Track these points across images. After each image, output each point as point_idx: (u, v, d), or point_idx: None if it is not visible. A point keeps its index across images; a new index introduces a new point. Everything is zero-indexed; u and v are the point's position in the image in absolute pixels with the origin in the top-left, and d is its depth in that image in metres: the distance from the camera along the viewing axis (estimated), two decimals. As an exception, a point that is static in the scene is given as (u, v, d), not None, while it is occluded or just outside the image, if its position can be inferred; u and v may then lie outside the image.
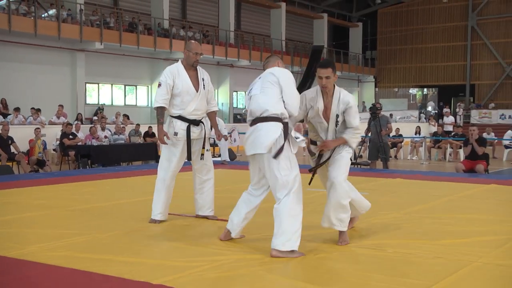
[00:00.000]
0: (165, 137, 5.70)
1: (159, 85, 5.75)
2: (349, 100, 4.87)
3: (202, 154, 5.90)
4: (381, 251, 4.72)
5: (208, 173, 6.00)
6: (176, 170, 5.92)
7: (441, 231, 5.46)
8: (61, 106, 19.07)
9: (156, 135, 7.55)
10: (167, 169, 5.85)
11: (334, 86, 4.91)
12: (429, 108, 34.87)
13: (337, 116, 4.87)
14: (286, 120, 4.60)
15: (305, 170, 5.18)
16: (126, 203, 7.27)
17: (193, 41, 6.08)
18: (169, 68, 5.87)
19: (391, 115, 32.03)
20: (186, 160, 5.94)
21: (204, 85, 5.84)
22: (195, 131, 5.83)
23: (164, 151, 5.89)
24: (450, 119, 25.53)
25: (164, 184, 5.86)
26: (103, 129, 16.75)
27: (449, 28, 38.04)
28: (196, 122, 5.83)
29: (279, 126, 4.54)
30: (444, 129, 24.20)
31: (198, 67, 5.91)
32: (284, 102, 4.60)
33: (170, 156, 5.83)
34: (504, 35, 36.33)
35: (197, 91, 5.78)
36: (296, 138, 4.60)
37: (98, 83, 24.44)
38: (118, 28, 22.93)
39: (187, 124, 5.78)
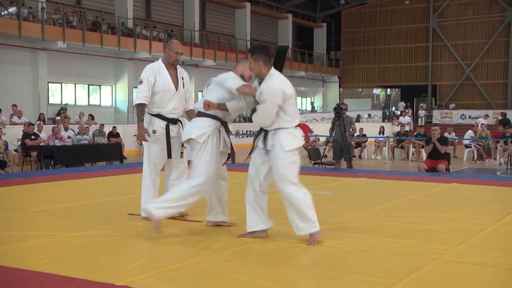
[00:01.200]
0: (145, 134, 5.74)
1: (141, 82, 5.78)
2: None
3: (182, 152, 5.99)
4: (345, 249, 4.76)
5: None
6: (159, 167, 5.99)
7: (404, 229, 5.54)
8: (14, 105, 18.73)
9: (122, 134, 7.48)
10: (150, 165, 5.92)
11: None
12: (401, 109, 35.23)
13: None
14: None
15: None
16: (92, 204, 7.18)
17: (174, 40, 6.13)
18: (150, 65, 5.91)
19: (359, 115, 32.41)
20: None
21: (183, 84, 5.94)
22: (173, 129, 5.90)
23: (145, 148, 5.97)
24: (406, 119, 25.86)
25: (151, 180, 5.92)
26: (66, 129, 16.51)
27: (411, 29, 38.65)
28: (174, 121, 5.92)
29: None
30: (398, 130, 24.58)
31: (178, 66, 5.98)
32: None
33: (150, 153, 5.91)
34: (463, 37, 37.10)
35: (176, 90, 5.86)
36: None
37: (61, 83, 24.07)
38: (82, 27, 22.62)
39: (165, 122, 5.85)
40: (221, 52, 29.55)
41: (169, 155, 5.87)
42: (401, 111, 29.98)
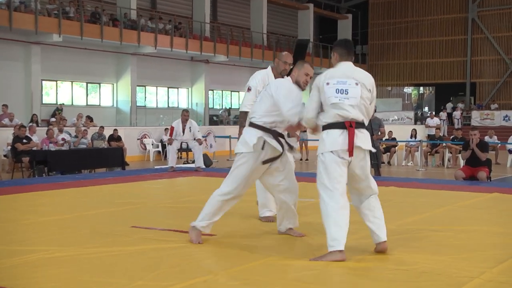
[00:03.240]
0: None
1: (249, 89, 6.56)
2: None
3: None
4: (372, 266, 4.74)
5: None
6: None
7: (439, 245, 5.51)
8: (5, 106, 18.87)
9: (124, 137, 7.55)
10: None
11: None
12: (448, 110, 34.95)
13: None
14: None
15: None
16: (90, 215, 7.22)
17: (285, 52, 6.73)
18: (259, 73, 6.58)
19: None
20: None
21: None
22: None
23: None
24: (435, 121, 25.66)
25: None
26: (60, 131, 16.63)
27: (448, 20, 38.46)
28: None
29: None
30: (428, 132, 24.44)
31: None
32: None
33: None
34: (507, 28, 36.80)
35: None
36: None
37: (56, 81, 24.26)
38: (79, 19, 22.78)
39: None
40: (234, 47, 29.62)
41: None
42: (431, 113, 29.79)
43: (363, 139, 4.99)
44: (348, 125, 4.93)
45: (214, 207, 5.55)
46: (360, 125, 4.99)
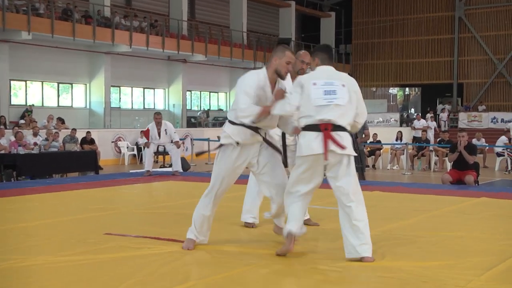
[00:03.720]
0: None
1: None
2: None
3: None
4: (357, 275, 4.76)
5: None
6: None
7: (425, 251, 5.54)
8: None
9: (97, 140, 7.50)
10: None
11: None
12: (439, 112, 35.23)
13: None
14: None
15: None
16: (61, 222, 7.17)
17: (303, 51, 6.79)
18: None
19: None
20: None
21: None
22: (289, 137, 6.30)
23: None
24: (421, 123, 25.81)
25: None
26: (35, 134, 16.52)
27: (434, 19, 38.73)
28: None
29: None
30: (414, 135, 24.58)
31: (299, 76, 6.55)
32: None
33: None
34: (495, 28, 37.16)
35: None
36: None
37: (25, 81, 24.08)
38: (50, 16, 22.62)
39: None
40: (213, 46, 29.58)
41: (285, 165, 6.04)
42: (417, 114, 29.97)
43: (340, 142, 5.00)
44: (323, 128, 4.97)
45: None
46: (338, 128, 5.02)
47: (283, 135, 6.12)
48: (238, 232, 6.52)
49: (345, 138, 5.05)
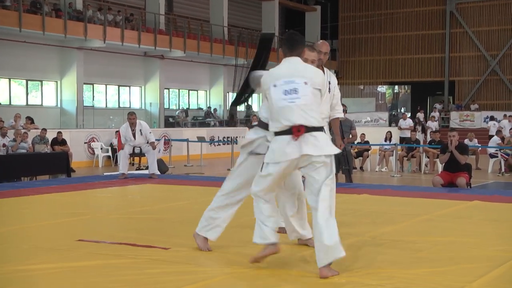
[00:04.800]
0: None
1: None
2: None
3: None
4: (345, 283, 4.78)
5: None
6: None
7: (416, 258, 5.57)
8: None
9: (69, 141, 7.45)
10: None
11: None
12: (437, 110, 35.43)
13: None
14: None
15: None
16: (31, 228, 7.13)
17: (321, 40, 7.02)
18: None
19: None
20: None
21: (329, 89, 6.54)
22: None
23: None
24: (408, 122, 25.94)
25: None
26: (3, 135, 16.40)
27: (424, 13, 38.94)
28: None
29: None
30: (400, 135, 24.71)
31: (326, 70, 6.57)
32: None
33: None
34: (487, 23, 37.43)
35: None
36: None
37: (-8, 78, 23.94)
38: (18, 8, 22.46)
39: None
40: (192, 41, 29.54)
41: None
42: (403, 113, 30.12)
43: (315, 144, 4.96)
44: (296, 131, 4.93)
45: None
46: (312, 129, 4.97)
47: None
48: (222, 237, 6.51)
49: (320, 138, 5.00)
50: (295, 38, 5.27)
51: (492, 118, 30.76)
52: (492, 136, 21.55)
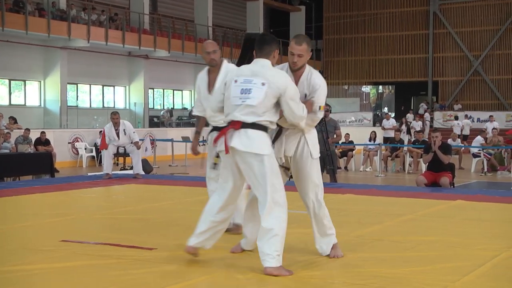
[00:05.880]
0: None
1: None
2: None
3: (215, 163, 6.21)
4: (329, 283, 4.79)
5: None
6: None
7: (399, 257, 5.60)
8: None
9: (52, 141, 7.43)
10: None
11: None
12: (420, 110, 35.55)
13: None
14: None
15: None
16: (15, 229, 7.09)
17: (208, 40, 7.04)
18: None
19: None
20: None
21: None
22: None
23: None
24: (391, 122, 26.00)
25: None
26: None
27: (408, 13, 39.09)
28: (217, 129, 6.17)
29: None
30: (384, 135, 24.77)
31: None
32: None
33: None
34: (470, 23, 37.65)
35: (209, 93, 6.67)
36: None
37: (-25, 77, 23.78)
38: (0, 7, 22.32)
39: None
40: (176, 41, 29.48)
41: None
42: (386, 113, 30.19)
43: (244, 139, 4.96)
44: (232, 125, 5.01)
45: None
46: (249, 125, 4.98)
47: None
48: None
49: (253, 137, 4.98)
50: (264, 39, 5.37)
51: (466, 117, 31.13)
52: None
